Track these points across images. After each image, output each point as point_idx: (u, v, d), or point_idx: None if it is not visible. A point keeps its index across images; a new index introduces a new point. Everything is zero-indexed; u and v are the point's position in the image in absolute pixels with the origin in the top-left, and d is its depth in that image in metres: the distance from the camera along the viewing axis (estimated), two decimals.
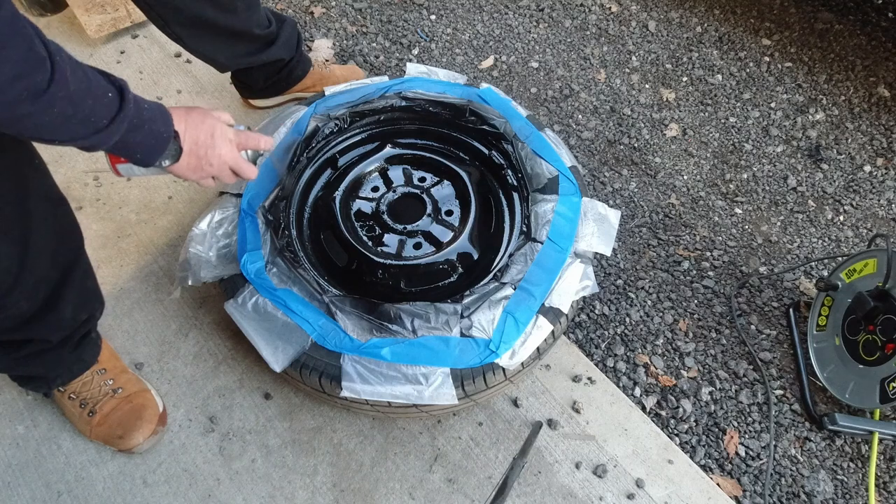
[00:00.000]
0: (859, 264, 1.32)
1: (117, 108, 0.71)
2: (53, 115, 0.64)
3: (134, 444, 1.12)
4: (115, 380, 1.16)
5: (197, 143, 0.85)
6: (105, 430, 1.13)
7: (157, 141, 0.79)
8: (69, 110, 0.66)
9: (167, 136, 0.80)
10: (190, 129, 0.85)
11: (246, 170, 0.94)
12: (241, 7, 1.33)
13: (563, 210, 1.15)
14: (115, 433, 1.12)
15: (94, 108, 0.69)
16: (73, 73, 0.66)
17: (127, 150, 0.78)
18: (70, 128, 0.68)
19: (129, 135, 0.74)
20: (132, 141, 0.76)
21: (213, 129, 0.87)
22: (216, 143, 0.87)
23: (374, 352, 0.99)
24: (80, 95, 0.67)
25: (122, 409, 1.14)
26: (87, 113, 0.68)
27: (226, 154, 0.89)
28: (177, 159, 0.84)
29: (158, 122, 0.79)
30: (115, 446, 1.14)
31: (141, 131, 0.76)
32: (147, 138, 0.78)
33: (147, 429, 1.13)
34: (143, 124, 0.76)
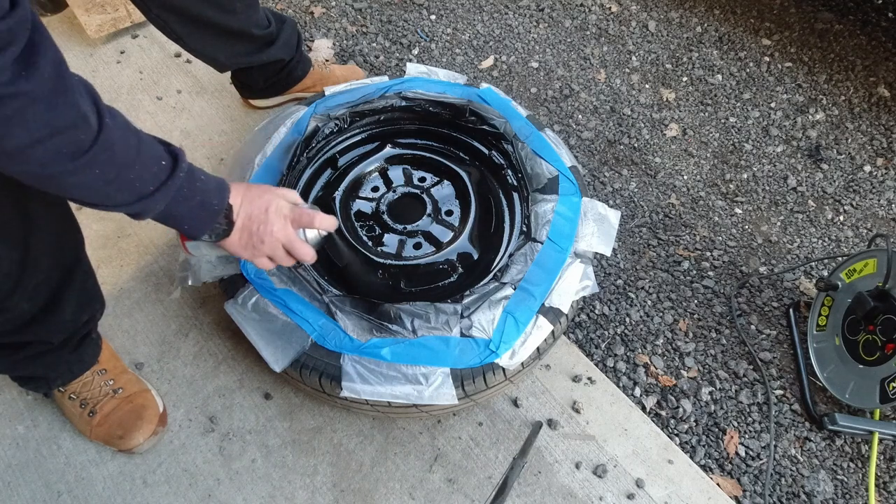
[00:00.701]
0: (859, 264, 1.32)
1: (166, 177, 0.71)
2: (94, 175, 0.64)
3: (134, 444, 1.12)
4: (115, 380, 1.16)
5: (250, 219, 0.83)
6: (105, 430, 1.13)
7: (206, 213, 0.77)
8: (111, 173, 0.65)
9: (218, 209, 0.78)
10: (246, 203, 0.82)
11: (300, 250, 0.88)
12: (241, 7, 1.33)
13: (563, 210, 1.15)
14: (116, 433, 1.12)
15: (141, 174, 0.68)
16: (124, 139, 0.66)
17: (175, 221, 0.76)
18: (111, 192, 0.67)
19: (176, 205, 0.73)
20: (178, 212, 0.74)
21: (268, 203, 0.84)
22: (269, 219, 0.83)
23: (374, 352, 0.99)
24: (127, 160, 0.66)
25: (122, 410, 1.14)
26: (131, 178, 0.67)
27: (278, 231, 0.84)
28: (227, 234, 0.81)
29: (211, 195, 0.77)
30: (116, 446, 1.14)
31: (190, 202, 0.74)
32: (196, 210, 0.76)
33: (147, 429, 1.13)
34: (194, 195, 0.75)
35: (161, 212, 0.73)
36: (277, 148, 1.23)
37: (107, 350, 1.20)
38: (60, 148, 0.59)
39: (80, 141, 0.61)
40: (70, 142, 0.60)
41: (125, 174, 0.67)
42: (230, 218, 0.81)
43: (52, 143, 0.58)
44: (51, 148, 0.59)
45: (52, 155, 0.59)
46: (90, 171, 0.63)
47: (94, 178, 0.64)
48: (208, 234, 0.80)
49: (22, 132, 0.56)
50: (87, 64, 1.79)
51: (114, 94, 1.71)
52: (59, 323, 1.01)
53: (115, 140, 0.64)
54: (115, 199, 0.68)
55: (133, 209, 0.70)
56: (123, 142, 0.66)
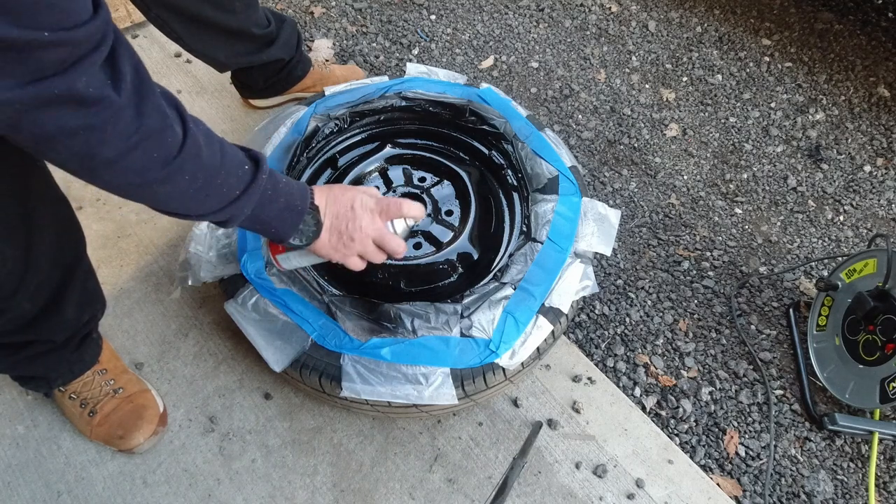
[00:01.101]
0: (859, 264, 1.32)
1: (250, 180, 0.71)
2: (184, 182, 0.64)
3: (134, 444, 1.12)
4: (115, 380, 1.16)
5: (337, 217, 0.81)
6: (105, 430, 1.13)
7: (291, 214, 0.77)
8: (200, 179, 0.65)
9: (302, 209, 0.77)
10: (331, 203, 0.81)
11: (391, 244, 0.85)
12: (240, 6, 1.33)
13: (563, 210, 1.15)
14: (116, 433, 1.12)
15: (228, 178, 0.68)
16: (208, 144, 0.66)
17: (262, 225, 0.76)
18: (202, 198, 0.67)
19: (262, 208, 0.73)
20: (265, 215, 0.74)
21: (353, 200, 0.82)
22: (357, 216, 0.82)
23: (374, 352, 0.99)
24: (213, 166, 0.66)
25: (122, 410, 1.14)
26: (219, 183, 0.68)
27: (367, 226, 0.83)
28: (317, 236, 0.80)
29: (295, 196, 0.77)
30: (116, 446, 1.14)
31: (275, 204, 0.74)
32: (282, 212, 0.76)
33: (148, 429, 1.13)
34: (278, 197, 0.74)
35: (249, 216, 0.73)
36: (277, 148, 1.23)
37: (107, 350, 1.20)
38: (152, 153, 0.60)
39: (168, 145, 0.61)
40: (160, 146, 0.60)
41: (213, 179, 0.67)
42: (318, 218, 0.80)
43: (144, 148, 0.59)
44: (143, 154, 0.59)
45: (145, 161, 0.60)
46: (181, 177, 0.63)
47: (185, 185, 0.64)
48: (297, 238, 0.79)
49: (116, 139, 0.56)
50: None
51: None
52: (60, 322, 1.01)
53: (200, 145, 0.64)
54: (206, 206, 0.69)
55: (223, 215, 0.71)
56: (208, 146, 0.66)
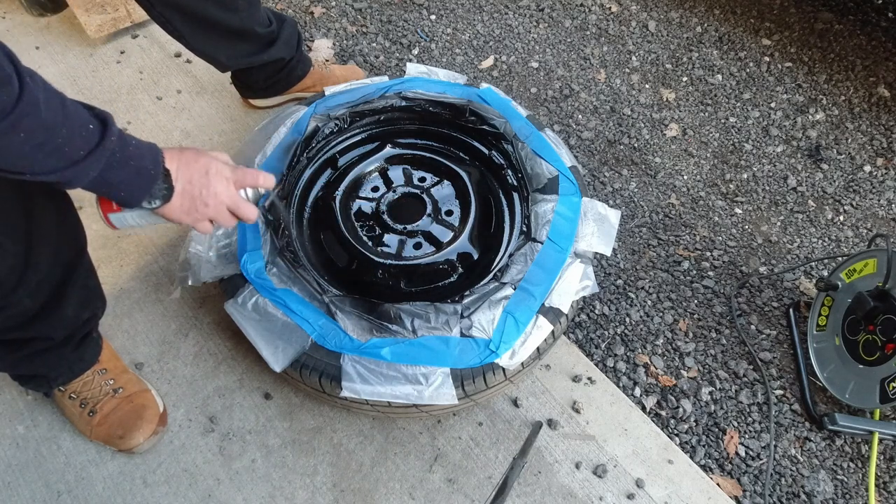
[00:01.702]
0: (859, 264, 1.32)
1: (97, 141, 0.68)
2: (20, 140, 0.61)
3: (134, 444, 1.12)
4: (115, 380, 1.16)
5: (191, 182, 0.80)
6: (105, 430, 1.13)
7: (142, 179, 0.74)
8: (39, 137, 0.62)
9: (154, 173, 0.75)
10: (182, 167, 0.79)
11: (245, 210, 0.86)
12: (243, 5, 1.33)
13: (563, 210, 1.15)
14: (116, 433, 1.12)
15: (70, 138, 0.65)
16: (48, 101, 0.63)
17: (109, 189, 0.73)
18: (40, 158, 0.64)
19: (110, 171, 0.70)
20: (114, 178, 0.72)
21: (207, 166, 0.81)
22: (211, 182, 0.81)
23: (374, 352, 0.99)
24: (54, 123, 0.63)
25: (122, 409, 1.14)
26: (60, 143, 0.64)
27: (222, 193, 0.82)
28: (167, 200, 0.78)
29: (146, 160, 0.75)
30: (116, 446, 1.14)
31: (125, 168, 0.72)
32: (131, 176, 0.73)
33: (147, 429, 1.13)
34: (127, 160, 0.72)
35: (94, 179, 0.70)
36: (277, 148, 1.23)
37: (107, 350, 1.20)
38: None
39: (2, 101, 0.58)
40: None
41: (53, 138, 0.64)
42: (170, 182, 0.78)
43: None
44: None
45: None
46: (15, 134, 0.60)
47: (21, 142, 0.61)
48: (148, 201, 0.77)
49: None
50: (87, 64, 1.79)
51: (114, 94, 1.71)
52: (61, 320, 1.01)
53: (38, 100, 0.61)
54: (45, 166, 0.65)
55: (64, 176, 0.67)
56: (47, 103, 0.63)
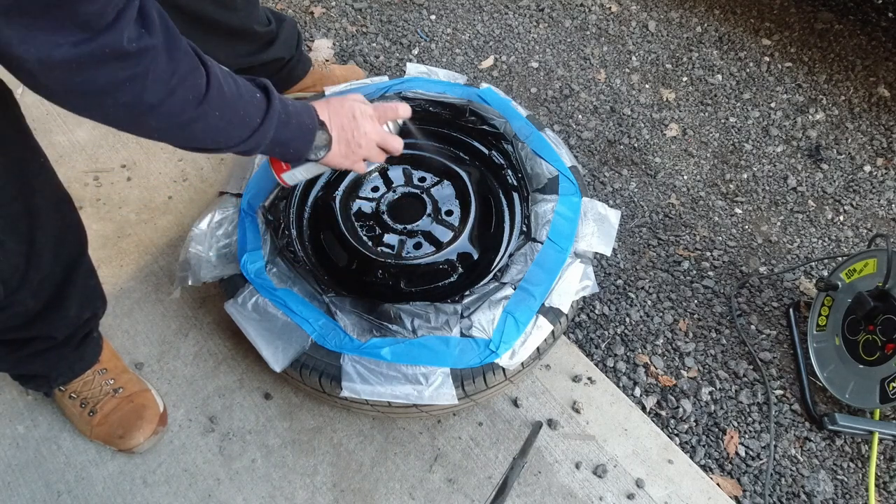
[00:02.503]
0: (859, 264, 1.32)
1: (266, 106, 0.75)
2: (216, 118, 0.68)
3: (134, 443, 1.12)
4: (115, 379, 1.17)
5: (343, 129, 0.87)
6: (105, 429, 1.13)
7: (305, 133, 0.82)
8: (228, 113, 0.69)
9: (312, 126, 0.82)
10: (333, 116, 0.86)
11: (392, 143, 0.93)
12: (241, 4, 1.33)
13: (563, 210, 1.15)
14: (116, 433, 1.12)
15: (248, 108, 0.72)
16: (225, 79, 0.69)
17: (282, 147, 0.81)
18: (230, 130, 0.71)
19: (280, 131, 0.77)
20: (284, 137, 0.79)
21: (352, 110, 0.88)
22: (360, 124, 0.88)
23: (374, 352, 0.99)
24: (234, 98, 0.70)
25: (122, 409, 1.14)
26: (241, 114, 0.72)
27: (371, 131, 0.89)
28: (329, 148, 0.86)
29: (304, 115, 0.81)
30: (116, 446, 1.14)
31: (290, 126, 0.79)
32: (296, 132, 0.81)
33: (148, 429, 1.13)
34: (290, 119, 0.79)
35: (270, 140, 0.77)
36: None
37: (107, 349, 1.20)
38: (188, 94, 0.63)
39: (199, 85, 0.64)
40: (193, 87, 0.64)
41: (237, 111, 0.71)
42: (328, 131, 0.85)
43: (181, 90, 0.62)
44: (181, 95, 0.62)
45: (183, 103, 0.63)
46: (212, 113, 0.67)
47: (217, 120, 0.68)
48: (314, 153, 0.85)
49: (158, 85, 0.59)
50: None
51: None
52: (62, 319, 1.01)
53: (221, 81, 0.68)
54: (235, 137, 0.73)
55: (249, 144, 0.75)
56: (226, 81, 0.69)
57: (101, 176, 1.56)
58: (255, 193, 1.15)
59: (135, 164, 1.58)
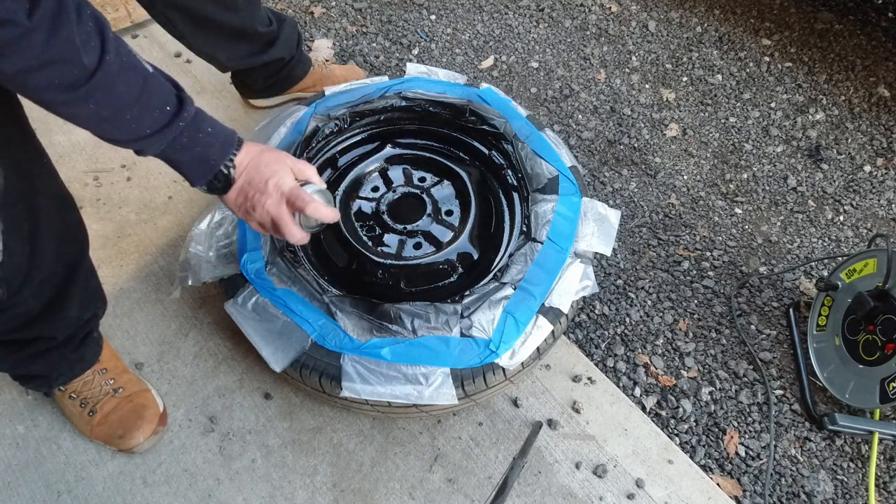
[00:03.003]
0: (859, 264, 1.32)
1: (164, 123, 0.71)
2: (89, 110, 0.65)
3: (134, 443, 1.12)
4: (115, 379, 1.17)
5: (250, 184, 0.82)
6: (105, 429, 1.13)
7: (202, 166, 0.78)
8: (106, 111, 0.67)
9: (215, 164, 0.78)
10: (251, 167, 0.82)
11: (287, 230, 0.84)
12: (243, 4, 1.33)
13: (563, 210, 1.15)
14: (116, 433, 1.12)
15: (140, 116, 0.69)
16: (127, 79, 0.67)
17: (173, 165, 0.77)
18: (107, 128, 0.69)
19: (174, 152, 0.74)
20: (176, 158, 0.76)
21: (272, 174, 0.82)
22: (267, 191, 0.82)
23: (374, 352, 0.99)
24: (126, 101, 0.67)
25: (122, 409, 1.14)
26: (128, 119, 0.68)
27: (271, 206, 0.82)
28: (224, 192, 0.82)
29: (214, 150, 0.77)
30: (116, 446, 1.14)
31: (188, 152, 0.75)
32: (193, 159, 0.77)
33: (148, 428, 1.13)
34: (193, 146, 0.75)
35: (159, 154, 0.75)
36: (277, 148, 1.23)
37: (107, 349, 1.20)
38: (52, 79, 0.61)
39: (73, 76, 0.62)
40: (62, 75, 0.62)
41: (122, 114, 0.68)
42: (230, 176, 0.80)
43: (44, 73, 0.60)
44: (43, 78, 0.61)
45: (45, 84, 0.61)
46: (84, 105, 0.65)
47: (90, 113, 0.66)
48: (203, 187, 0.80)
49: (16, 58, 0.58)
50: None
51: None
52: (63, 320, 1.01)
53: (114, 81, 0.65)
54: (111, 135, 0.70)
55: (130, 147, 0.72)
56: (125, 83, 0.67)
57: (101, 176, 1.56)
58: None
59: (135, 164, 1.58)
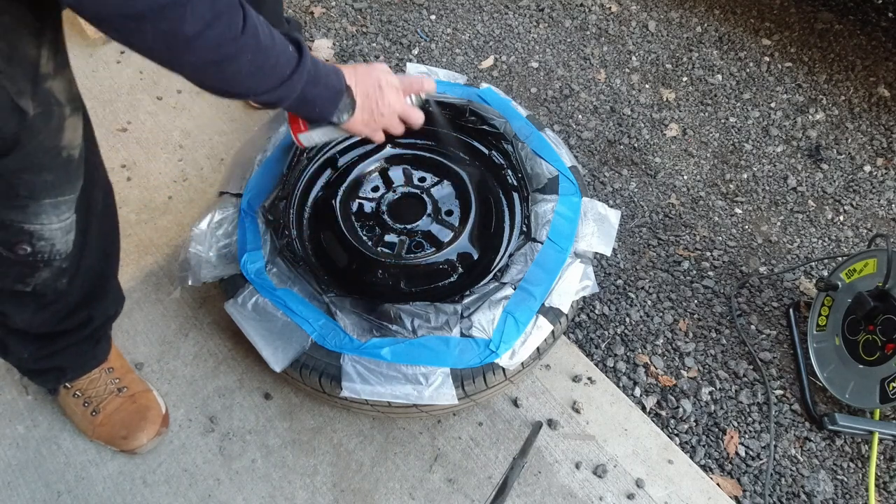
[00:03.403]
0: (859, 264, 1.32)
1: (297, 61, 0.76)
2: (248, 62, 0.69)
3: (138, 444, 1.12)
4: (121, 379, 1.17)
5: (367, 96, 0.88)
6: (108, 430, 1.13)
7: (332, 94, 0.84)
8: (260, 59, 0.71)
9: (340, 88, 0.84)
10: (360, 83, 0.87)
11: (413, 116, 0.95)
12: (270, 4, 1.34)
13: (563, 210, 1.15)
14: (119, 433, 1.12)
15: (279, 58, 0.74)
16: (261, 26, 0.71)
17: (307, 105, 0.82)
18: (260, 78, 0.73)
19: (308, 88, 0.79)
20: (311, 94, 0.80)
21: (378, 80, 0.89)
22: (385, 94, 0.89)
23: (374, 352, 0.99)
24: (268, 45, 0.72)
25: (126, 409, 1.14)
26: (273, 63, 0.73)
27: (395, 102, 0.91)
28: (352, 114, 0.87)
29: (332, 77, 0.83)
30: (118, 447, 1.14)
31: (318, 85, 0.81)
32: (323, 91, 0.82)
33: (151, 429, 1.13)
34: (319, 78, 0.80)
35: (297, 96, 0.78)
36: (277, 148, 1.23)
37: (114, 349, 1.20)
38: (225, 31, 0.64)
39: (236, 24, 0.66)
40: (230, 24, 0.65)
41: (269, 59, 0.72)
42: (353, 97, 0.86)
43: (218, 25, 0.63)
44: (219, 30, 0.64)
45: (219, 38, 0.64)
46: (244, 55, 0.68)
47: (248, 64, 0.69)
48: (337, 115, 0.86)
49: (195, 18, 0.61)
50: (88, 64, 1.79)
51: (114, 94, 1.71)
52: (97, 311, 1.03)
53: (256, 24, 0.69)
54: (265, 84, 0.74)
55: (276, 94, 0.76)
56: (261, 27, 0.71)
57: None
58: (255, 193, 1.15)
59: (135, 164, 1.58)
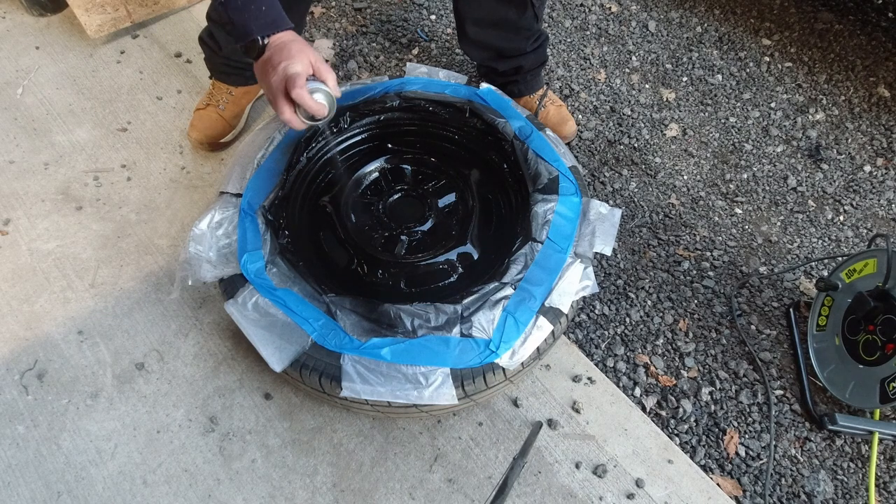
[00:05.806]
0: (859, 264, 1.32)
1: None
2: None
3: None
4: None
5: (269, 60, 0.96)
6: None
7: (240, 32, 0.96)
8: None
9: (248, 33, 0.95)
10: (277, 48, 0.95)
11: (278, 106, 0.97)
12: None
13: (563, 210, 1.15)
14: None
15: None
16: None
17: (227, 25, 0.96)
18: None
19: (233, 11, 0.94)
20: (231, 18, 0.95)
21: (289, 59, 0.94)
22: (277, 70, 0.95)
23: (374, 352, 0.99)
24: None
25: None
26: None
27: (274, 82, 0.96)
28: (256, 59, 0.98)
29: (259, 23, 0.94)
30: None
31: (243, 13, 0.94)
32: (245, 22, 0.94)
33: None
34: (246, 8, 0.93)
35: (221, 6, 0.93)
36: (277, 148, 1.23)
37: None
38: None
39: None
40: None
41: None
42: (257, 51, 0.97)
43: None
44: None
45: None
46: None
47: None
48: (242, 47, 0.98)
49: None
50: (88, 64, 1.79)
51: (114, 93, 1.71)
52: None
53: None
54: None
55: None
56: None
57: (101, 176, 1.56)
58: (255, 193, 1.16)
59: (135, 164, 1.58)
